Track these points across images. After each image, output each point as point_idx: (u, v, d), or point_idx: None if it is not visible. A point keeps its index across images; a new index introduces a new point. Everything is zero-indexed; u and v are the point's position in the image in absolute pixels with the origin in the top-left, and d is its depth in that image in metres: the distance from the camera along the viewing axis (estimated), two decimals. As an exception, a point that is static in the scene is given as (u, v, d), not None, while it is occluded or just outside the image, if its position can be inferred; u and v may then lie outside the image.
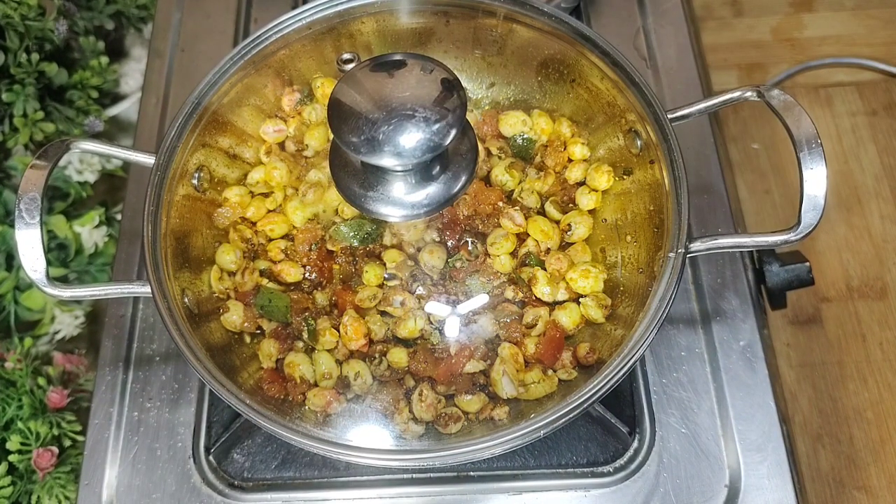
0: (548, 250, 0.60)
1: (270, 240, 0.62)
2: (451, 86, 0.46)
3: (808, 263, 0.75)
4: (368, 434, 0.56)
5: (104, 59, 0.98)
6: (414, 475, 0.69)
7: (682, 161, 0.58)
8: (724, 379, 0.72)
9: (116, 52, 1.07)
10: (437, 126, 0.45)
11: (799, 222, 0.53)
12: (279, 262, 0.60)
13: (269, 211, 0.63)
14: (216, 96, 0.64)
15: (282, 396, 0.58)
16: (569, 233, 0.61)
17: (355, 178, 0.52)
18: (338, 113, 0.46)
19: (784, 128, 0.54)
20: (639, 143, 0.61)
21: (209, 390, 0.73)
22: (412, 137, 0.44)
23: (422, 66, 0.46)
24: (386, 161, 0.45)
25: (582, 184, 0.64)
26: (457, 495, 0.69)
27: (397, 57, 0.47)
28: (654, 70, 0.88)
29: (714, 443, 0.69)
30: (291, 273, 0.60)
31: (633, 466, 0.69)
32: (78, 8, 0.98)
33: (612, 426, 0.69)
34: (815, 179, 0.53)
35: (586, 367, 0.58)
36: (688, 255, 0.56)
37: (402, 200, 0.50)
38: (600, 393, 0.54)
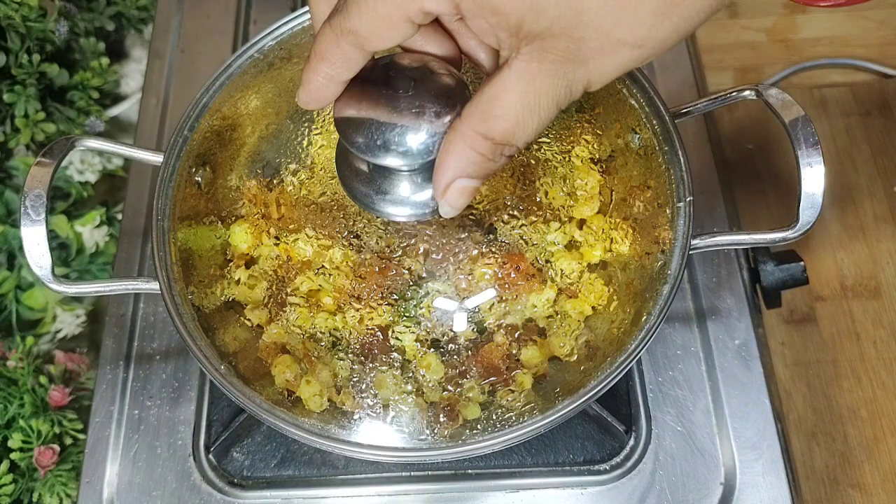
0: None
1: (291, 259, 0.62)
2: (457, 84, 0.46)
3: (802, 263, 0.75)
4: (376, 433, 0.56)
5: (105, 60, 0.98)
6: (412, 473, 0.70)
7: (686, 160, 0.58)
8: (719, 377, 0.72)
9: (117, 53, 1.07)
10: (443, 124, 0.45)
11: (797, 220, 0.54)
12: (313, 290, 0.61)
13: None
14: (224, 94, 0.64)
15: (289, 397, 0.58)
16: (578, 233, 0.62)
17: (361, 178, 0.52)
18: (343, 113, 0.46)
19: (782, 126, 0.55)
20: (637, 140, 0.61)
21: (209, 389, 0.74)
22: (419, 137, 0.44)
23: (427, 65, 0.46)
24: (392, 161, 0.45)
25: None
26: (454, 492, 0.69)
27: (402, 57, 0.47)
28: (650, 70, 0.88)
29: (709, 441, 0.70)
30: (326, 301, 0.60)
31: (629, 464, 0.69)
32: (78, 9, 0.98)
33: (608, 424, 0.69)
34: (813, 177, 0.53)
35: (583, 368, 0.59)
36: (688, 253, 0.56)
37: (409, 200, 0.50)
38: (598, 391, 0.54)
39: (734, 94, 0.58)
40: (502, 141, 0.42)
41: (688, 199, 0.57)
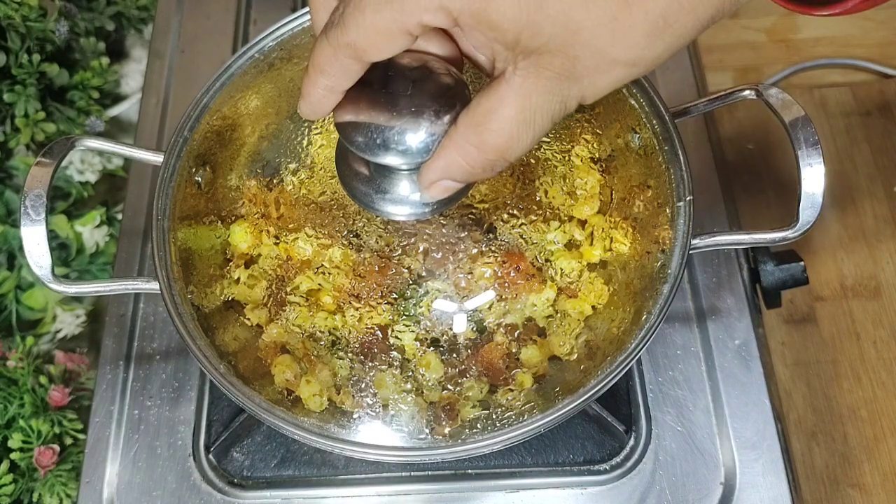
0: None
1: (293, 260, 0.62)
2: (456, 84, 0.46)
3: (802, 263, 0.75)
4: (376, 433, 0.57)
5: (105, 60, 0.98)
6: (412, 473, 0.70)
7: (685, 159, 0.58)
8: (719, 377, 0.72)
9: (117, 53, 1.07)
10: (442, 124, 0.45)
11: (797, 220, 0.54)
12: (313, 290, 0.61)
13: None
14: (224, 95, 0.64)
15: (289, 396, 0.58)
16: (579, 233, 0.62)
17: (361, 177, 0.52)
18: (343, 113, 0.46)
19: (782, 126, 0.55)
20: (637, 140, 0.61)
21: (209, 389, 0.74)
22: (418, 136, 0.44)
23: (427, 65, 0.46)
24: (392, 160, 0.45)
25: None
26: (454, 493, 0.69)
27: (402, 56, 0.47)
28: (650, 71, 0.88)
29: (709, 441, 0.70)
30: (326, 301, 0.60)
31: (629, 464, 0.69)
32: (79, 9, 0.98)
33: (608, 424, 0.69)
34: (814, 177, 0.54)
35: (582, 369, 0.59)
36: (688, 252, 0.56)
37: (408, 199, 0.50)
38: (598, 391, 0.54)
39: (734, 94, 0.58)
40: (495, 156, 0.42)
41: (688, 199, 0.57)
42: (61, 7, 0.94)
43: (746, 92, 0.58)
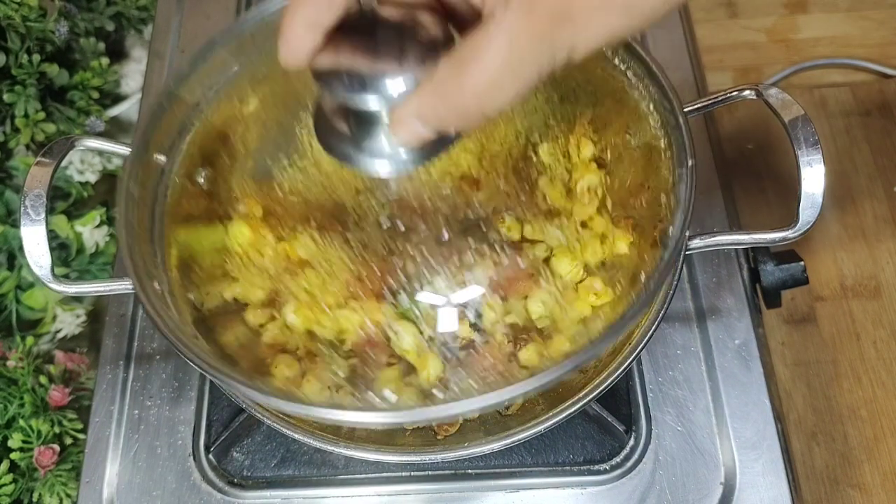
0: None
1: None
2: (444, 32, 0.45)
3: (802, 263, 0.75)
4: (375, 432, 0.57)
5: (105, 60, 0.98)
6: (412, 473, 0.70)
7: (686, 124, 0.57)
8: (719, 377, 0.72)
9: (117, 53, 1.07)
10: (426, 68, 0.43)
11: (797, 220, 0.54)
12: (313, 290, 0.61)
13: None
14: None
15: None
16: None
17: (340, 134, 0.50)
18: (323, 58, 0.44)
19: (782, 126, 0.55)
20: (635, 139, 0.61)
21: (209, 389, 0.74)
22: (399, 80, 0.43)
23: (413, 16, 0.45)
24: (372, 104, 0.44)
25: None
26: (454, 493, 0.69)
27: (388, 8, 0.45)
28: (650, 70, 0.88)
29: (709, 441, 0.70)
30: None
31: (629, 464, 0.69)
32: (78, 9, 0.98)
33: (608, 424, 0.69)
34: (813, 177, 0.54)
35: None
36: (686, 253, 0.56)
37: (389, 153, 0.48)
38: (598, 391, 0.54)
39: (734, 94, 0.58)
40: (472, 101, 0.40)
41: (689, 164, 0.56)
42: (61, 7, 0.94)
43: (746, 92, 0.58)
